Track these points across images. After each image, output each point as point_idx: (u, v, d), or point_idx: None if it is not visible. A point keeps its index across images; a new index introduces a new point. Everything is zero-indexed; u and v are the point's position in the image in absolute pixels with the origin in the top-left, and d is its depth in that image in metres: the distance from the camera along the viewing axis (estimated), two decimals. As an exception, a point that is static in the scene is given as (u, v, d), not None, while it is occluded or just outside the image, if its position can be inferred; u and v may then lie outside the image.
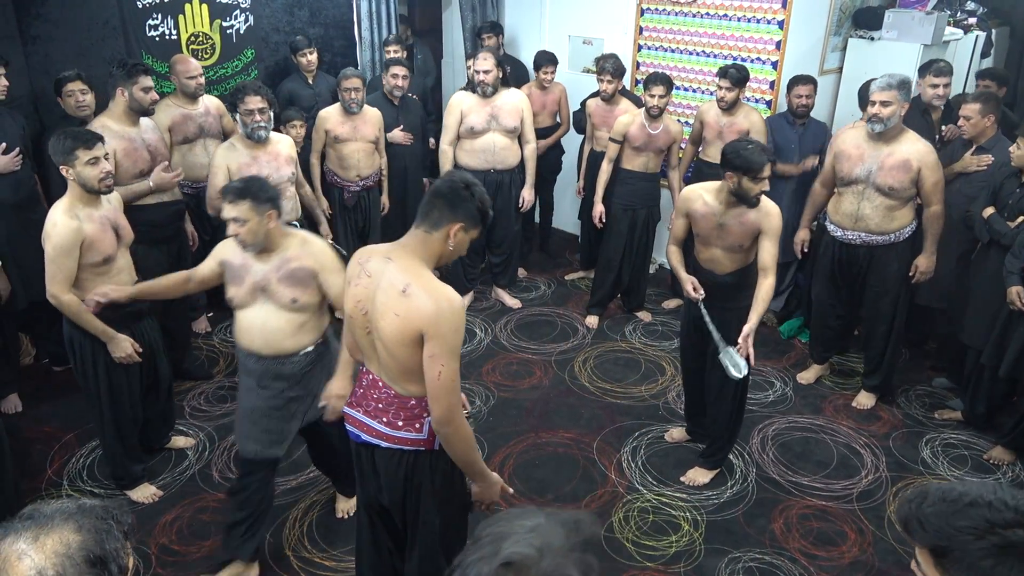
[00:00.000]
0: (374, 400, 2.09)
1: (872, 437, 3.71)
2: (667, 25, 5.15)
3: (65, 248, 2.74)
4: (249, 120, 3.60)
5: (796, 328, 4.66)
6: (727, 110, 4.30)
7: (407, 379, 2.02)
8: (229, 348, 4.47)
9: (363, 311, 2.02)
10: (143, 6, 4.32)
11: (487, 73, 4.41)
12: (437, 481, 2.13)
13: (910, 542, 1.22)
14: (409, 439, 2.07)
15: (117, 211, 2.99)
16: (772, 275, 3.01)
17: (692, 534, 3.10)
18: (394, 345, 1.95)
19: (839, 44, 4.83)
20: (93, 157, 2.76)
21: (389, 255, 2.00)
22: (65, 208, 2.78)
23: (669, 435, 3.69)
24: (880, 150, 3.53)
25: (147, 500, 3.21)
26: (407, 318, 1.90)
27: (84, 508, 1.10)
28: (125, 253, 3.01)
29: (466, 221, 1.99)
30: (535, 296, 5.21)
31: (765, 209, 2.98)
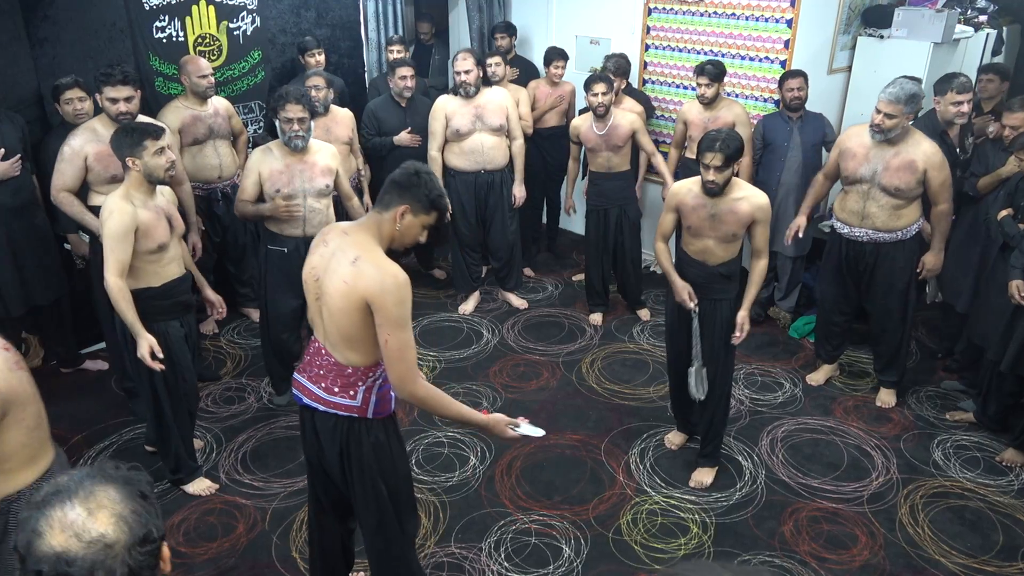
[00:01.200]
0: (316, 366, 2.23)
1: (883, 439, 3.67)
2: (674, 24, 5.13)
3: (119, 234, 2.80)
4: (288, 128, 3.46)
5: (802, 327, 4.63)
6: (708, 105, 4.39)
7: (347, 347, 2.14)
8: (237, 350, 4.47)
9: (315, 277, 2.16)
10: (150, 8, 4.32)
11: (468, 73, 4.41)
12: (371, 448, 2.25)
13: None
14: (343, 404, 2.20)
15: (169, 203, 3.07)
16: (765, 257, 3.15)
17: (701, 536, 3.07)
18: (339, 311, 2.08)
19: (848, 43, 4.79)
20: (160, 147, 2.85)
21: (347, 230, 2.16)
22: (121, 195, 2.86)
23: (669, 442, 3.65)
24: (885, 151, 3.51)
25: (204, 493, 3.26)
26: (353, 286, 2.03)
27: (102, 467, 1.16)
28: (178, 245, 3.10)
29: (412, 204, 2.12)
30: (542, 297, 5.19)
31: (757, 199, 3.05)
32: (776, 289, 4.80)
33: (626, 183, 4.63)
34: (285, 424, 3.77)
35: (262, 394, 4.02)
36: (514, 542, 3.03)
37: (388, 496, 2.31)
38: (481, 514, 3.18)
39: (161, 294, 2.98)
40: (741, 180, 3.13)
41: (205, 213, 4.25)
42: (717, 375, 3.25)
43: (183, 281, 3.11)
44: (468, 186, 4.66)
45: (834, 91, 4.85)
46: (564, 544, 3.02)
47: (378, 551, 2.40)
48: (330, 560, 2.57)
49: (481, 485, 3.35)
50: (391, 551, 2.40)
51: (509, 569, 2.90)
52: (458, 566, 2.91)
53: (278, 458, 3.51)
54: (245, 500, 3.25)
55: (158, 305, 2.98)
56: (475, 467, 3.46)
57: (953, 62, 4.73)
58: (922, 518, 3.16)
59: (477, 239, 4.87)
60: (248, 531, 3.08)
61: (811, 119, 4.40)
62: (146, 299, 2.93)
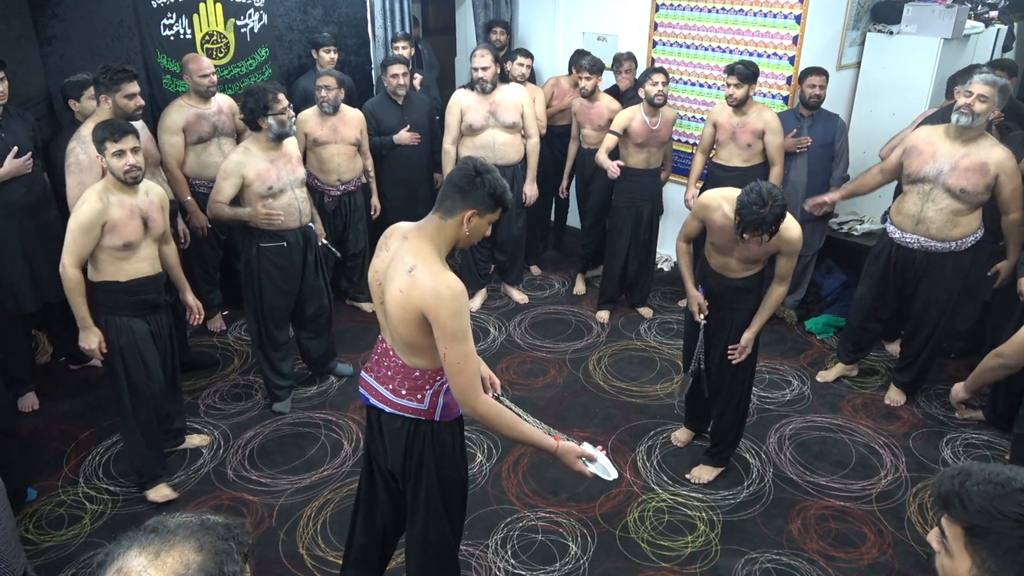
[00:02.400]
0: (384, 367, 2.20)
1: (891, 437, 3.65)
2: (682, 21, 5.11)
3: (83, 226, 2.84)
4: (287, 119, 3.48)
5: (822, 325, 4.60)
6: (737, 107, 4.22)
7: (412, 352, 2.12)
8: (244, 347, 4.48)
9: (378, 282, 2.13)
10: (157, 5, 4.33)
11: (485, 70, 4.40)
12: (436, 450, 2.23)
13: (946, 518, 1.18)
14: (410, 407, 2.17)
15: (152, 205, 3.05)
16: (785, 284, 3.03)
17: (708, 534, 3.07)
18: (398, 320, 2.05)
19: (857, 39, 4.76)
20: (119, 150, 2.86)
21: (407, 235, 2.10)
22: (99, 190, 2.90)
23: (675, 438, 3.65)
24: (956, 150, 3.36)
25: (161, 500, 3.20)
26: (409, 296, 1.99)
27: (207, 525, 1.09)
28: (152, 245, 3.08)
29: (479, 207, 2.05)
30: (549, 295, 5.19)
31: (787, 234, 2.86)
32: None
33: (657, 179, 4.63)
34: (292, 421, 3.77)
35: (269, 391, 4.03)
36: (521, 539, 3.03)
37: (443, 499, 2.28)
38: (488, 511, 3.18)
39: (126, 290, 2.99)
40: None
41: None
42: (728, 381, 3.21)
43: (153, 281, 3.08)
44: None
45: (843, 87, 4.83)
46: (571, 541, 3.02)
47: (425, 551, 2.36)
48: (363, 564, 2.54)
49: (488, 482, 3.34)
50: (438, 552, 2.37)
51: (516, 566, 2.89)
52: (465, 563, 2.91)
53: (285, 455, 3.52)
54: (252, 497, 3.25)
55: (122, 300, 2.99)
56: (482, 464, 3.46)
57: (963, 58, 4.70)
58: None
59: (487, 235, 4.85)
60: (255, 528, 3.08)
61: (823, 119, 4.34)
62: (109, 292, 2.97)
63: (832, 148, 4.35)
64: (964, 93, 3.30)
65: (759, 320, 3.07)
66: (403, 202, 4.78)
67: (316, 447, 3.57)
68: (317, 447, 3.57)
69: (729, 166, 4.35)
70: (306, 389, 4.02)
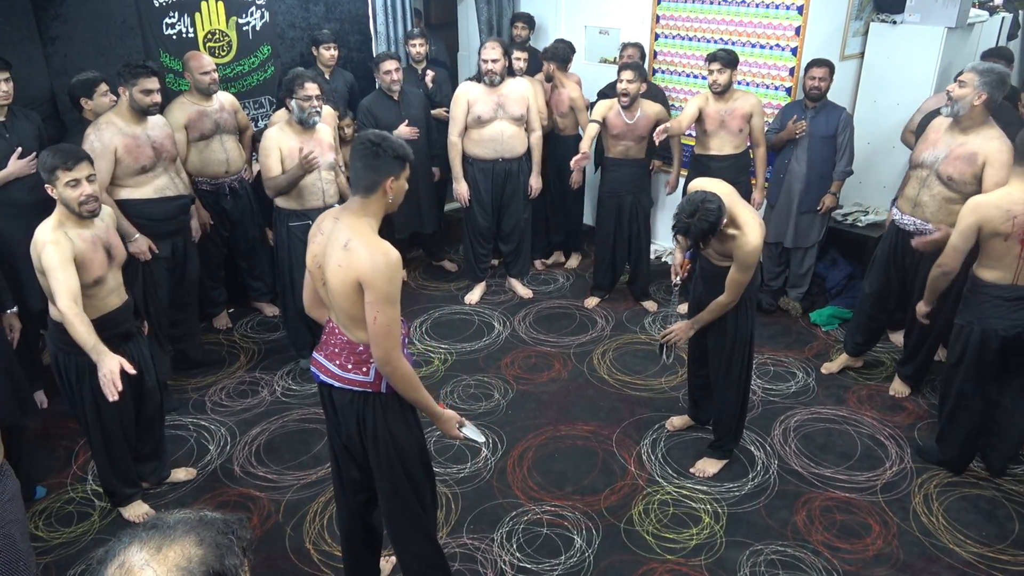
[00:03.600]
0: (332, 345, 2.30)
1: (897, 428, 3.65)
2: (684, 13, 5.09)
3: (63, 262, 2.61)
4: (307, 105, 3.67)
5: (827, 317, 4.59)
6: (721, 94, 4.27)
7: (355, 326, 2.21)
8: (250, 344, 4.50)
9: (318, 264, 2.24)
10: (160, 4, 4.34)
11: (495, 62, 4.41)
12: (388, 421, 2.31)
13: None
14: (357, 380, 2.27)
15: (109, 229, 2.88)
16: (731, 296, 3.05)
17: (713, 527, 3.07)
18: (338, 295, 2.16)
19: (860, 29, 4.74)
20: (73, 179, 2.63)
21: (337, 216, 2.22)
22: (54, 226, 2.68)
23: (670, 423, 3.69)
24: (955, 138, 3.38)
25: (138, 519, 3.10)
26: (347, 268, 2.10)
27: (206, 520, 1.10)
28: (116, 273, 2.90)
29: (393, 172, 2.18)
30: (553, 289, 5.19)
31: (743, 243, 2.90)
32: (788, 279, 4.77)
33: (642, 171, 4.64)
34: (298, 417, 3.79)
35: (275, 387, 4.05)
36: (526, 533, 3.04)
37: (403, 466, 2.36)
38: (493, 505, 3.19)
39: (97, 327, 2.70)
40: (743, 215, 2.93)
41: (213, 208, 4.28)
42: (723, 372, 3.23)
43: (122, 311, 2.92)
44: (486, 174, 4.67)
45: (847, 78, 4.80)
46: (576, 535, 3.03)
47: (396, 522, 2.44)
48: (354, 544, 2.60)
49: (493, 476, 3.36)
50: (408, 521, 2.44)
51: (521, 560, 2.91)
52: (470, 557, 2.92)
53: (291, 451, 3.54)
54: (259, 492, 3.28)
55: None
56: (487, 458, 3.47)
57: (967, 47, 4.68)
58: (936, 507, 3.14)
59: (491, 229, 4.88)
60: (262, 523, 3.10)
61: (828, 111, 4.32)
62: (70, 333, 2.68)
63: (834, 140, 4.33)
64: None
65: (700, 320, 3.17)
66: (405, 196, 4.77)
67: (322, 443, 3.58)
68: (323, 443, 3.59)
69: (721, 155, 4.37)
70: (312, 386, 4.04)
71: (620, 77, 4.35)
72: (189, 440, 3.63)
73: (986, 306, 3.03)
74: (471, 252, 4.91)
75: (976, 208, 2.92)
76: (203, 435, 3.67)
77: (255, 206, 4.51)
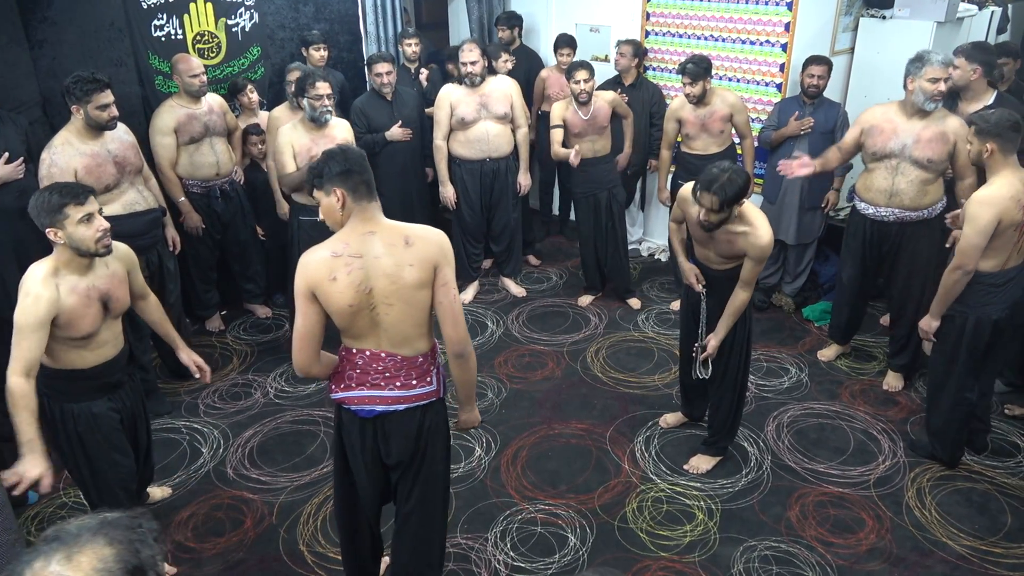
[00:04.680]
0: (380, 372, 2.20)
1: (890, 422, 3.66)
2: (674, 10, 5.09)
3: (32, 325, 2.32)
4: (317, 104, 3.76)
5: (820, 312, 4.60)
6: (699, 102, 4.27)
7: (415, 337, 2.20)
8: (243, 346, 4.49)
9: (367, 290, 2.11)
10: (148, 6, 4.32)
11: (474, 64, 4.41)
12: (442, 425, 2.35)
13: None
14: (425, 393, 2.25)
15: (114, 278, 2.57)
16: (749, 290, 3.02)
17: (707, 523, 3.07)
18: (407, 302, 2.13)
19: (850, 24, 4.74)
20: (87, 214, 2.39)
21: (368, 231, 2.12)
22: (47, 274, 2.39)
23: (664, 421, 3.69)
24: (915, 124, 3.51)
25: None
26: (423, 260, 2.12)
27: (108, 521, 1.07)
28: (113, 325, 2.61)
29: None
30: (546, 287, 5.19)
31: (755, 239, 2.87)
32: (784, 276, 4.77)
33: (611, 166, 4.64)
34: (291, 419, 3.79)
35: (268, 389, 4.04)
36: (520, 532, 3.04)
37: (444, 473, 2.40)
38: (487, 504, 3.19)
39: (86, 376, 2.53)
40: (750, 212, 2.91)
41: (204, 211, 4.26)
42: (722, 371, 3.22)
43: (117, 361, 2.64)
44: (474, 174, 4.66)
45: (837, 73, 4.79)
46: (570, 533, 3.03)
47: (428, 524, 2.41)
48: (363, 555, 2.56)
49: (487, 476, 3.35)
50: (440, 525, 2.46)
51: (515, 559, 2.91)
52: (464, 556, 2.92)
53: (285, 453, 3.53)
54: (252, 495, 3.27)
55: (82, 386, 2.53)
56: (481, 458, 3.47)
57: (957, 41, 4.67)
58: (929, 501, 3.15)
59: (480, 229, 4.88)
60: (256, 525, 3.10)
61: (825, 107, 4.32)
62: (68, 380, 2.50)
63: (833, 136, 4.33)
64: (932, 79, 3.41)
65: (723, 325, 3.09)
66: (397, 197, 4.76)
67: (315, 444, 3.58)
68: (316, 444, 3.58)
69: (707, 154, 4.38)
70: (305, 387, 4.03)
71: (576, 78, 4.32)
72: (182, 443, 3.62)
73: (980, 295, 3.04)
74: (462, 252, 4.90)
75: (993, 203, 2.86)
76: (196, 438, 3.66)
77: (246, 208, 4.50)
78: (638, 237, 5.71)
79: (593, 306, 4.88)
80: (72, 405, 2.54)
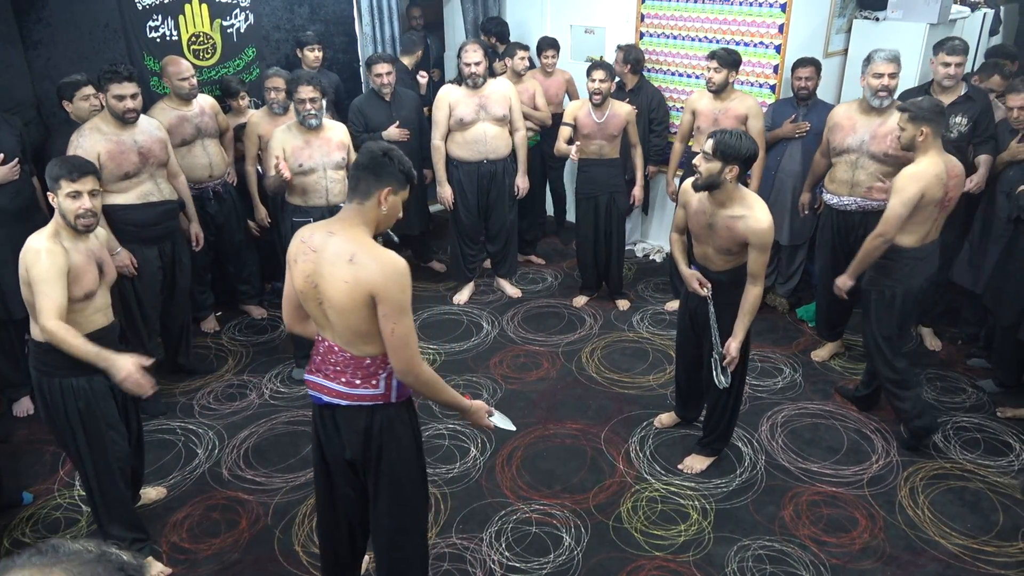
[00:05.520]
0: (332, 364, 2.23)
1: (883, 422, 3.67)
2: (668, 11, 5.11)
3: (55, 275, 2.49)
4: (301, 108, 3.80)
5: (814, 313, 4.61)
6: (717, 93, 4.19)
7: (362, 341, 2.15)
8: (238, 347, 4.49)
9: (313, 284, 2.14)
10: (143, 7, 4.32)
11: (477, 65, 4.42)
12: (395, 432, 2.29)
13: None
14: (367, 395, 2.22)
15: (103, 247, 2.77)
16: (759, 284, 2.97)
17: (701, 523, 3.08)
18: (346, 311, 2.08)
19: (844, 25, 4.77)
20: (75, 191, 2.55)
21: (330, 229, 2.13)
22: (50, 234, 2.58)
23: (658, 421, 3.71)
24: (872, 120, 3.70)
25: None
26: (356, 283, 2.03)
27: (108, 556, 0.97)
28: (105, 292, 2.76)
29: (393, 185, 2.13)
30: (541, 288, 5.20)
31: (755, 223, 2.85)
32: (778, 276, 4.79)
33: (616, 171, 4.63)
34: (286, 419, 3.79)
35: (264, 390, 4.05)
36: (515, 532, 3.05)
37: (409, 474, 2.36)
38: (482, 504, 3.20)
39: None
40: (749, 196, 2.92)
41: (198, 213, 4.25)
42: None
43: (110, 331, 2.76)
44: (471, 176, 4.66)
45: (830, 75, 4.83)
46: (565, 533, 3.04)
47: (398, 528, 2.41)
48: (343, 558, 2.57)
49: (482, 476, 3.36)
50: (411, 526, 2.43)
51: (510, 559, 2.91)
52: (459, 556, 2.93)
53: (280, 453, 3.53)
54: (248, 496, 3.27)
55: (77, 362, 2.55)
56: (476, 458, 3.48)
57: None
58: (922, 500, 3.17)
59: (478, 230, 4.89)
60: (251, 526, 3.10)
61: (818, 108, 4.34)
62: (62, 352, 2.54)
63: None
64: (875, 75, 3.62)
65: (741, 325, 3.03)
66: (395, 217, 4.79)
67: (311, 445, 3.57)
68: (311, 445, 3.58)
69: None
70: (300, 388, 4.04)
71: (592, 76, 4.34)
72: (177, 444, 3.62)
73: (906, 269, 3.30)
74: (459, 253, 4.91)
75: (919, 178, 3.12)
76: (191, 439, 3.66)
77: (239, 209, 4.50)
78: (634, 239, 5.73)
79: (588, 307, 4.89)
80: (71, 380, 2.61)
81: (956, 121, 3.89)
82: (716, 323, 3.13)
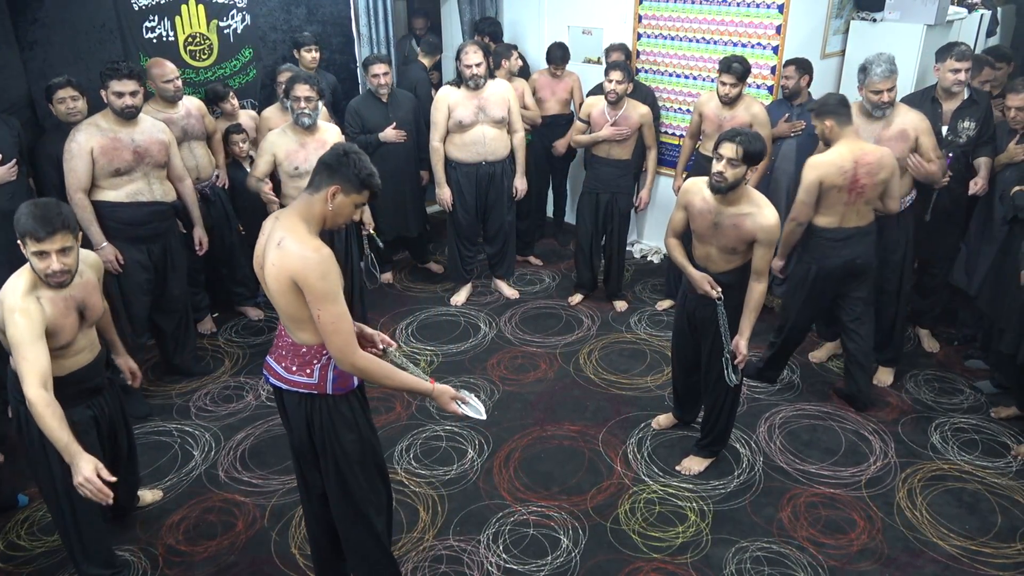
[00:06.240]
0: (280, 347, 2.31)
1: (881, 423, 3.67)
2: (666, 12, 5.10)
3: (32, 337, 2.31)
4: (295, 106, 3.81)
5: None
6: (729, 104, 4.20)
7: (296, 326, 2.21)
8: (235, 348, 4.48)
9: (260, 265, 2.22)
10: (139, 8, 4.31)
11: (478, 66, 4.41)
12: (335, 423, 2.29)
13: None
14: (302, 383, 2.26)
15: (87, 286, 2.58)
16: (764, 280, 2.98)
17: (699, 524, 3.08)
18: (276, 293, 2.14)
19: (841, 27, 4.77)
20: (40, 251, 2.34)
21: (278, 215, 2.21)
22: (25, 290, 2.38)
23: (656, 422, 3.70)
24: (876, 125, 3.62)
25: None
26: (280, 267, 2.09)
27: None
28: (88, 332, 2.63)
29: (343, 184, 2.13)
30: (539, 289, 5.19)
31: (763, 219, 2.87)
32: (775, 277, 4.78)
33: (623, 172, 4.61)
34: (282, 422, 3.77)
35: (260, 392, 4.03)
36: (512, 534, 3.04)
37: (351, 469, 2.35)
38: (479, 506, 3.19)
39: (66, 382, 2.50)
40: (755, 193, 2.96)
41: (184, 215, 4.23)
42: (717, 374, 3.19)
43: (94, 366, 2.65)
44: (470, 178, 4.65)
45: (828, 76, 4.83)
46: (562, 535, 3.03)
47: (344, 526, 2.45)
48: (323, 548, 2.60)
49: (479, 478, 3.35)
50: (356, 526, 2.44)
51: (507, 561, 2.90)
52: (456, 559, 2.92)
53: (276, 455, 3.52)
54: (244, 498, 3.26)
55: (60, 393, 2.39)
56: (473, 460, 3.47)
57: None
58: (920, 501, 3.16)
59: (475, 231, 4.88)
60: (247, 528, 3.09)
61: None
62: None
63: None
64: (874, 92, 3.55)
65: (747, 323, 3.03)
66: (391, 199, 4.76)
67: (307, 447, 3.57)
68: (308, 447, 3.57)
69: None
70: (297, 389, 4.02)
71: (609, 77, 4.34)
72: (173, 446, 3.61)
73: (822, 248, 3.50)
74: (456, 254, 4.90)
75: (817, 167, 3.37)
76: (187, 441, 3.64)
77: (229, 211, 4.48)
78: (631, 239, 5.72)
79: (586, 308, 4.89)
80: None
81: (964, 126, 3.87)
82: (725, 324, 3.11)
